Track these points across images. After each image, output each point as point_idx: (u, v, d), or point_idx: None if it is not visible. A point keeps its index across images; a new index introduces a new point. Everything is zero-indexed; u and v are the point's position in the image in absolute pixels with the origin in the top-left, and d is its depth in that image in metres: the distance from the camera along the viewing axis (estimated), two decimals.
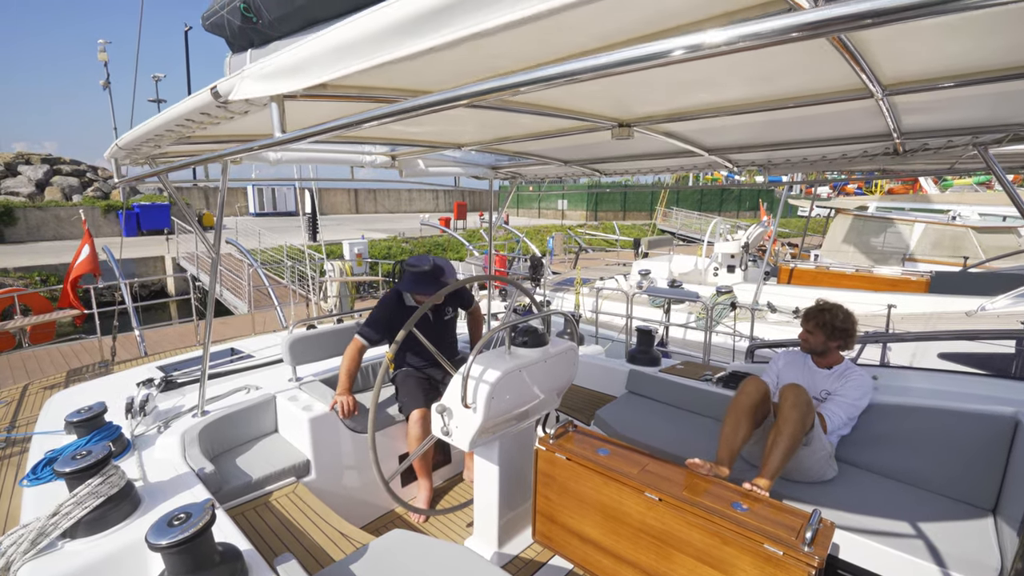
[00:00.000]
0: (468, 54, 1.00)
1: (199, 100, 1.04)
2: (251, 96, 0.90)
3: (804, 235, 11.99)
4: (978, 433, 2.27)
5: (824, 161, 2.64)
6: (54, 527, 1.72)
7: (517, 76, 0.66)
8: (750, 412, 2.23)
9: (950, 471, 2.31)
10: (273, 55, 0.86)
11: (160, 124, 1.26)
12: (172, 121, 1.21)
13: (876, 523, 2.09)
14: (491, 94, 0.70)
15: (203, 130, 1.29)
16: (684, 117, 1.81)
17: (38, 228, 18.41)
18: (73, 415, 2.26)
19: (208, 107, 1.05)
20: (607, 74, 0.60)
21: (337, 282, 9.08)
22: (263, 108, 1.04)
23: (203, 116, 1.14)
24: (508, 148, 2.80)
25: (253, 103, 1.00)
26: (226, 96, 0.95)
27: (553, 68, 0.63)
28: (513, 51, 0.95)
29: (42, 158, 22.59)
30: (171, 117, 1.19)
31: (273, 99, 0.91)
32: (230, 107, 1.04)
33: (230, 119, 1.18)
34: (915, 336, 3.33)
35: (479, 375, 2.05)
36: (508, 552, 2.41)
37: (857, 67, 1.11)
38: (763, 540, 1.56)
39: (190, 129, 1.27)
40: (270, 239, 15.11)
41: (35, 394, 3.75)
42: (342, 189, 30.65)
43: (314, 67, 0.80)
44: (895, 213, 12.20)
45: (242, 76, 0.91)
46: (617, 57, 0.59)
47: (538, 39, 0.83)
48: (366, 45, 0.73)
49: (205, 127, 1.25)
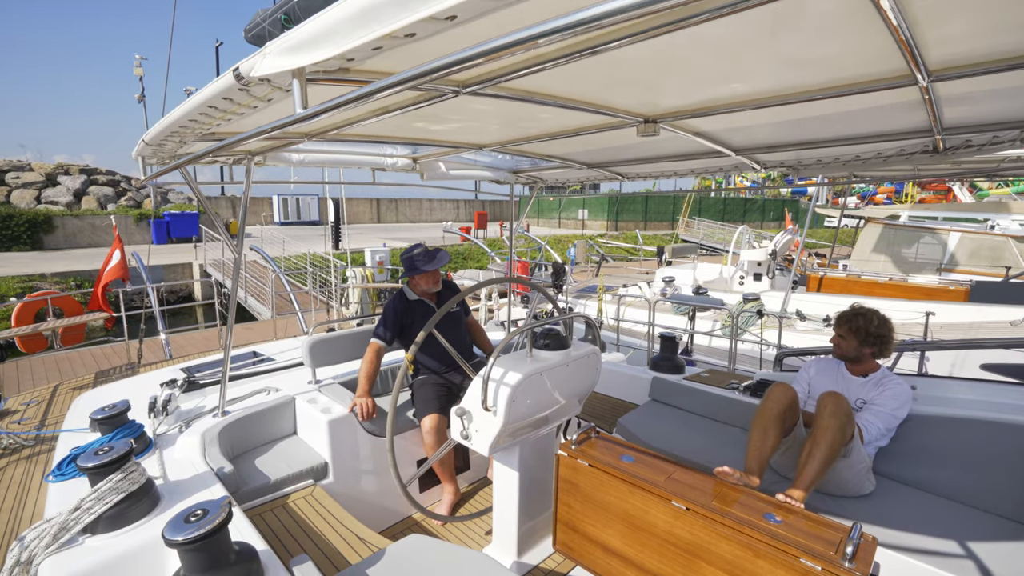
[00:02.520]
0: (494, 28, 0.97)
1: (221, 83, 1.04)
2: (273, 71, 0.88)
3: (833, 245, 11.65)
4: None
5: (857, 161, 2.54)
6: (75, 522, 1.73)
7: (538, 27, 0.62)
8: (778, 420, 2.13)
9: (997, 487, 2.16)
10: (294, 29, 0.84)
11: (183, 114, 1.26)
12: (195, 109, 1.21)
13: (919, 541, 1.97)
14: (517, 46, 0.66)
15: (227, 123, 1.29)
16: (712, 111, 1.75)
17: (75, 236, 19.12)
18: (97, 412, 2.29)
19: (230, 90, 1.04)
20: (644, 13, 0.54)
21: (358, 288, 9.16)
22: (286, 95, 1.03)
23: (226, 103, 1.13)
24: (529, 150, 2.77)
25: (275, 83, 0.99)
26: (248, 75, 0.94)
27: (578, 14, 0.58)
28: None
29: (80, 168, 23.51)
30: (194, 105, 1.19)
31: (295, 76, 0.89)
32: (252, 91, 1.03)
33: (253, 109, 1.17)
34: (957, 344, 3.15)
35: (500, 377, 2.00)
36: (527, 562, 2.34)
37: (904, 46, 1.04)
38: (799, 554, 1.47)
39: (213, 120, 1.27)
40: (294, 247, 15.38)
41: (65, 394, 3.84)
42: (364, 199, 31.17)
43: (335, 36, 0.78)
44: (928, 222, 11.82)
45: (264, 53, 0.89)
46: None
47: None
48: (389, 7, 0.70)
49: (229, 119, 1.25)
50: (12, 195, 21.25)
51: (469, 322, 3.25)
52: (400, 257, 3.00)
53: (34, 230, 18.26)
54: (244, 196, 2.47)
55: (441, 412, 2.74)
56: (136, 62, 21.92)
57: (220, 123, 1.31)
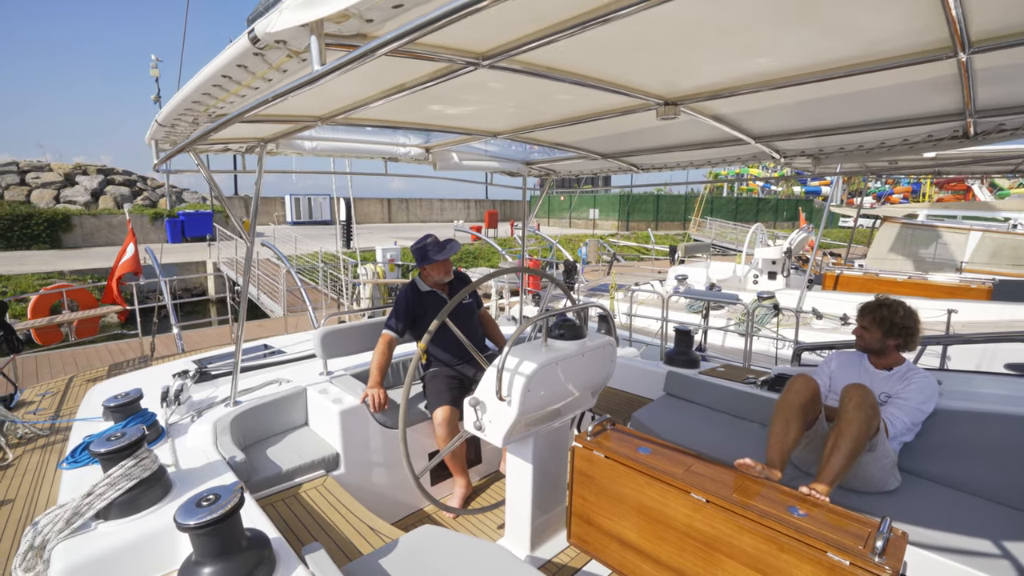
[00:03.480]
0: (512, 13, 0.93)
1: (235, 48, 1.01)
2: (289, 26, 0.85)
3: (849, 245, 11.45)
4: None
5: (882, 148, 2.46)
6: (88, 507, 1.72)
7: None
8: (800, 412, 2.06)
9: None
10: None
11: (196, 87, 1.24)
12: (208, 81, 1.19)
13: (948, 538, 1.89)
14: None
15: (241, 99, 1.26)
16: (734, 91, 1.70)
17: (92, 234, 19.41)
18: (110, 400, 2.29)
19: (244, 56, 1.02)
20: None
21: (370, 284, 9.17)
22: (302, 65, 1.00)
23: (240, 71, 1.10)
24: (543, 137, 2.73)
25: (291, 46, 0.95)
26: (263, 34, 0.91)
27: None
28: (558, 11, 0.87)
29: (97, 168, 23.90)
30: (207, 76, 1.17)
31: (312, 31, 0.86)
32: (267, 56, 1.00)
33: (268, 83, 1.15)
34: (985, 337, 3.04)
35: (515, 367, 1.96)
36: (541, 556, 2.30)
37: (947, 8, 0.98)
38: (827, 548, 1.41)
39: (227, 95, 1.25)
40: (306, 246, 15.48)
41: (79, 386, 3.87)
42: (375, 199, 31.34)
43: None
44: (948, 221, 11.57)
45: (280, 9, 0.86)
46: None
47: None
48: None
49: (243, 94, 1.23)
50: (32, 195, 21.66)
51: (481, 314, 3.22)
52: (411, 248, 2.98)
53: (53, 229, 18.57)
54: (256, 185, 2.46)
55: (453, 404, 2.71)
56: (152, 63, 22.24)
57: (233, 99, 1.28)
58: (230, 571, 1.30)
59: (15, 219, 17.80)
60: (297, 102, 1.78)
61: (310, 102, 1.83)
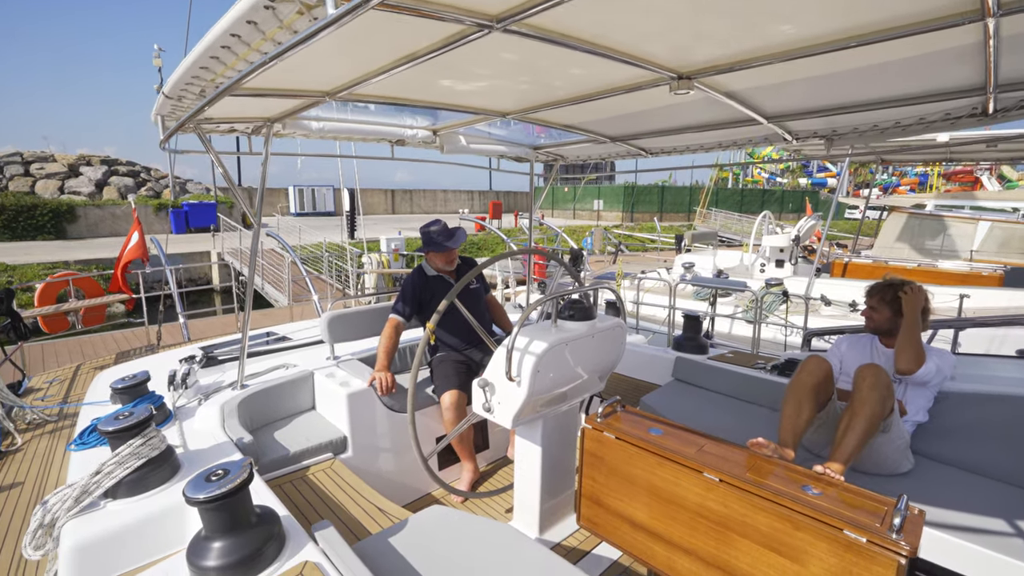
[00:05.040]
0: None
1: (245, 2, 0.97)
2: None
3: (857, 235, 11.33)
4: None
5: (897, 128, 2.42)
6: (96, 486, 1.72)
7: None
8: (812, 392, 2.04)
9: None
10: None
11: (204, 49, 1.20)
12: (216, 42, 1.16)
13: (962, 519, 1.87)
14: None
15: (251, 57, 1.22)
16: (750, 63, 1.66)
17: (96, 225, 19.46)
18: (117, 383, 2.29)
19: (254, 9, 0.98)
20: None
21: (374, 273, 9.17)
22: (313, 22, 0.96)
23: (249, 30, 1.07)
24: (552, 118, 2.69)
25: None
26: None
27: None
28: None
29: (101, 159, 23.92)
30: (215, 36, 1.13)
31: None
32: (278, 10, 0.97)
33: (277, 46, 1.11)
34: (1000, 320, 3.00)
35: (524, 347, 1.94)
36: (550, 539, 2.29)
37: None
38: (843, 525, 1.39)
39: (236, 59, 1.21)
40: (310, 236, 15.48)
41: (86, 373, 3.88)
42: (379, 190, 31.30)
43: None
44: (955, 211, 11.44)
45: None
46: None
47: None
48: None
49: (252, 59, 1.19)
50: (36, 185, 21.72)
51: (489, 300, 3.20)
52: (420, 229, 2.96)
53: (57, 219, 18.62)
54: (263, 166, 2.43)
55: (461, 388, 2.70)
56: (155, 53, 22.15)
57: (242, 65, 1.25)
58: (240, 546, 1.29)
59: (20, 210, 17.84)
60: (304, 74, 1.75)
61: (317, 75, 1.80)
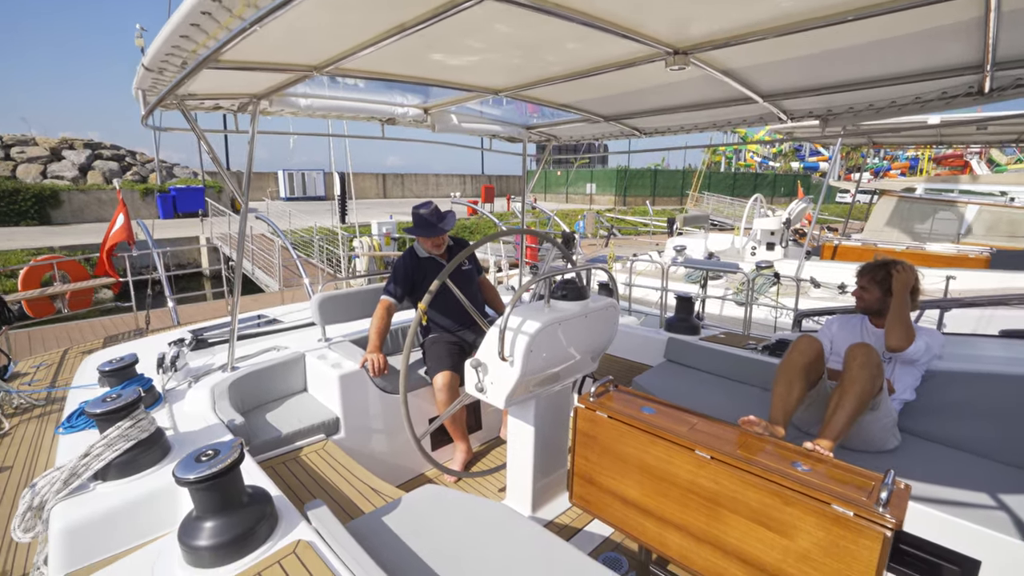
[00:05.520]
0: None
1: None
2: None
3: (847, 219, 11.41)
4: None
5: (893, 107, 2.40)
6: (85, 468, 1.71)
7: None
8: (803, 371, 2.06)
9: None
10: None
11: (185, 15, 1.15)
12: (197, 7, 1.11)
13: (946, 493, 1.91)
14: None
15: (233, 26, 1.18)
16: (747, 39, 1.63)
17: (81, 210, 19.11)
18: (105, 365, 2.26)
19: None
20: None
21: (366, 256, 9.10)
22: None
23: None
24: (545, 96, 2.65)
25: None
26: None
27: None
28: None
29: (84, 143, 23.38)
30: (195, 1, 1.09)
31: None
32: None
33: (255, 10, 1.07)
34: (986, 300, 3.04)
35: (517, 327, 1.93)
36: (543, 517, 2.31)
37: None
38: (831, 500, 1.41)
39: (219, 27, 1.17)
40: (300, 221, 15.31)
41: (74, 357, 3.83)
42: (370, 174, 30.97)
43: None
44: (945, 195, 11.53)
45: None
46: None
47: None
48: None
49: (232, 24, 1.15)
50: (18, 169, 21.22)
51: (481, 281, 3.18)
52: (412, 210, 2.93)
53: (41, 205, 18.25)
54: (250, 145, 2.38)
55: (454, 370, 2.70)
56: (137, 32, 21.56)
57: (223, 33, 1.21)
58: (232, 526, 1.29)
59: (1, 194, 17.47)
60: (289, 47, 1.70)
61: (303, 48, 1.75)
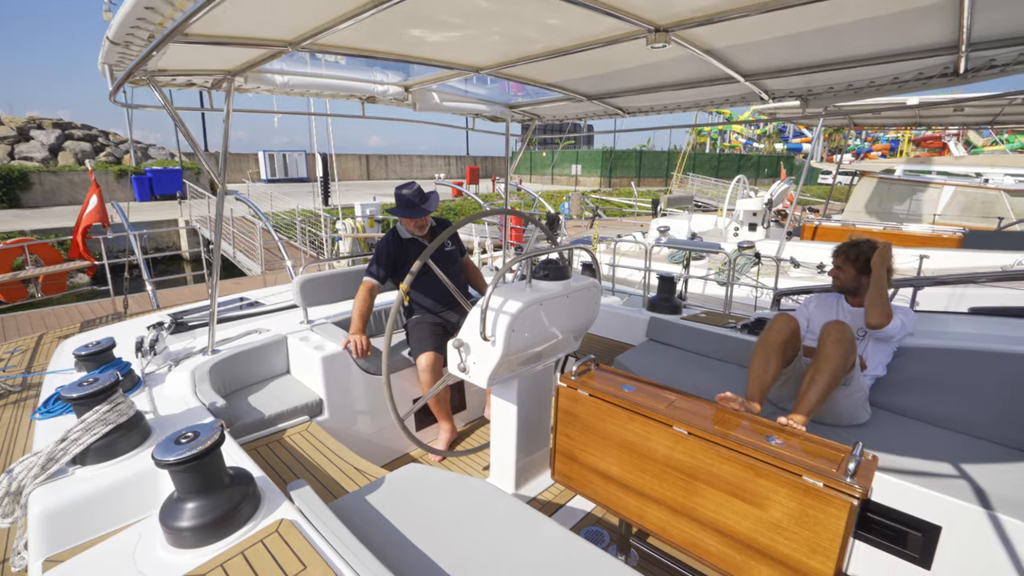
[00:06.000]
0: None
1: None
2: None
3: (828, 200, 11.59)
4: (1021, 375, 2.14)
5: (871, 88, 2.43)
6: (63, 453, 1.69)
7: None
8: (780, 349, 2.11)
9: (989, 413, 2.19)
10: None
11: None
12: None
13: (912, 464, 1.99)
14: None
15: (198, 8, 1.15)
16: (728, 16, 1.62)
17: (53, 193, 18.51)
18: (81, 349, 2.22)
19: None
20: None
21: (349, 238, 9.01)
22: None
23: None
24: (527, 74, 2.62)
25: None
26: None
27: None
28: None
29: (54, 123, 22.54)
30: None
31: None
32: None
33: None
34: (957, 278, 3.13)
35: (499, 307, 1.94)
36: (526, 493, 2.36)
37: None
38: (802, 472, 1.46)
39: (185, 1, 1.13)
40: (282, 203, 15.04)
41: (49, 343, 3.75)
42: (353, 155, 30.44)
43: None
44: (923, 176, 11.76)
45: None
46: None
47: None
48: None
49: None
50: None
51: (464, 262, 3.18)
52: (395, 191, 2.90)
53: (10, 187, 17.60)
54: (225, 123, 2.32)
55: (437, 350, 2.71)
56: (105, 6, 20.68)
57: (189, 3, 1.17)
58: (214, 507, 1.29)
59: None
60: (262, 20, 1.65)
61: (277, 21, 1.70)
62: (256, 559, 1.21)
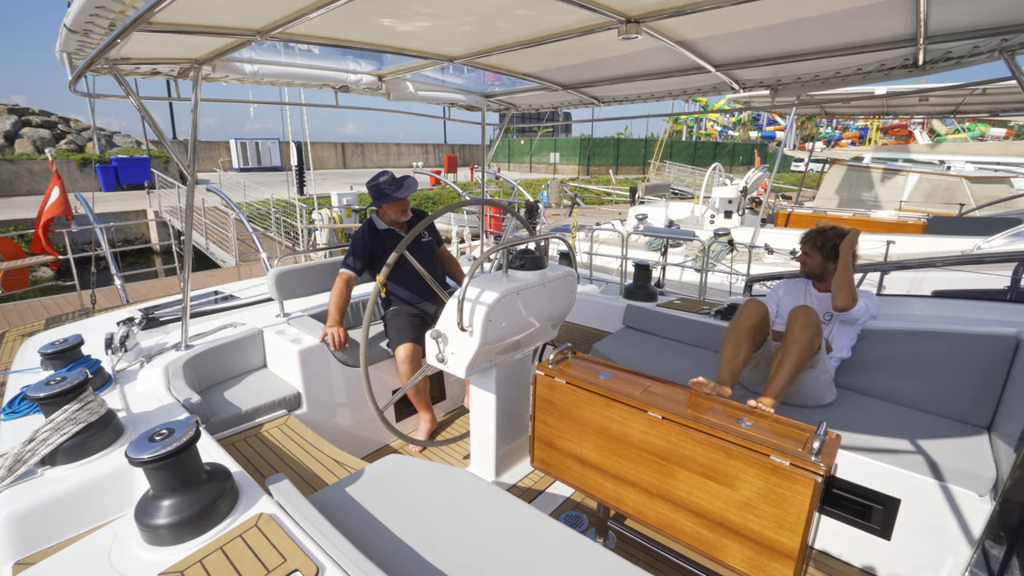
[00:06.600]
0: None
1: None
2: None
3: (800, 187, 11.87)
4: (980, 354, 2.25)
5: (837, 78, 2.49)
6: (31, 454, 1.65)
7: None
8: (750, 333, 2.17)
9: (948, 392, 2.30)
10: None
11: None
12: None
13: (874, 441, 2.08)
14: None
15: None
16: (697, 7, 1.64)
17: (11, 183, 17.72)
18: (47, 347, 2.16)
19: None
20: None
21: (326, 229, 8.87)
22: None
23: None
24: (502, 64, 2.61)
25: None
26: None
27: None
28: None
29: (8, 108, 21.51)
30: None
31: None
32: None
33: None
34: (918, 263, 3.27)
35: (476, 297, 1.95)
36: (506, 481, 2.39)
37: None
38: (770, 452, 1.52)
39: None
40: (256, 192, 14.70)
41: (12, 340, 3.63)
42: (329, 143, 29.84)
43: None
44: (889, 164, 12.12)
45: None
46: None
47: None
48: None
49: None
50: None
51: (441, 252, 3.17)
52: (367, 184, 2.87)
53: None
54: (193, 113, 2.25)
55: (416, 341, 2.71)
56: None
57: None
58: (191, 503, 1.28)
59: None
60: (228, 8, 1.60)
61: (243, 9, 1.66)
62: (235, 554, 1.21)
